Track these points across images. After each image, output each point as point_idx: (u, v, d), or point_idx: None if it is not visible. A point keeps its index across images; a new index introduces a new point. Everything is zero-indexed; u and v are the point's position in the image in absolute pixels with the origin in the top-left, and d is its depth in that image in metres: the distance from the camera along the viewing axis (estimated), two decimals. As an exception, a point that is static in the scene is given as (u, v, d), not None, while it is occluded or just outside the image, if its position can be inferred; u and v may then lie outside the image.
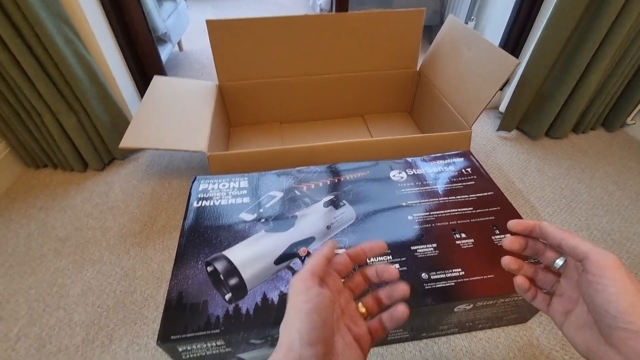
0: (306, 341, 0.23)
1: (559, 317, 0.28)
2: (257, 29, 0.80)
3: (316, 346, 0.23)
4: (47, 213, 0.75)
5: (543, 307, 0.29)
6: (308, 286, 0.26)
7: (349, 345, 0.27)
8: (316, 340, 0.23)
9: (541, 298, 0.30)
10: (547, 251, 0.30)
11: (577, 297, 0.27)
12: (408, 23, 0.85)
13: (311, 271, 0.27)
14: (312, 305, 0.24)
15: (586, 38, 0.77)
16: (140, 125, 0.70)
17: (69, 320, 0.57)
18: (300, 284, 0.26)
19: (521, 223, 0.30)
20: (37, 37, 0.64)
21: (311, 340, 0.23)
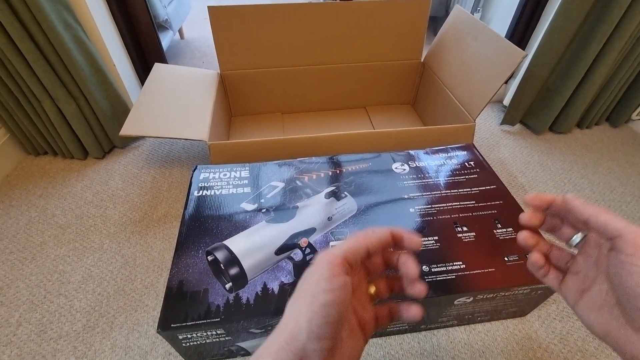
0: (315, 335, 0.21)
1: (573, 296, 0.26)
2: (260, 16, 0.78)
3: (324, 341, 0.21)
4: (47, 200, 0.75)
5: (555, 285, 0.28)
6: (334, 273, 0.22)
7: (352, 331, 0.25)
8: (325, 336, 0.21)
9: (554, 276, 0.28)
10: (564, 226, 0.28)
11: (594, 275, 0.25)
12: (413, 13, 0.84)
13: (344, 256, 0.23)
14: (332, 298, 0.21)
15: (595, 30, 0.76)
16: (140, 113, 0.69)
17: (70, 307, 0.57)
18: (327, 267, 0.22)
19: (539, 196, 0.28)
20: (36, 21, 0.63)
21: (320, 335, 0.21)
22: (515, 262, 0.47)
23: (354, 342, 0.24)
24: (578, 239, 0.27)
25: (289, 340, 0.21)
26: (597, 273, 0.25)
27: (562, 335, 0.54)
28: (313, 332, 0.21)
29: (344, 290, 0.22)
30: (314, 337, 0.21)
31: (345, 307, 0.22)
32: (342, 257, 0.23)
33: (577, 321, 0.56)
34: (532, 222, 0.29)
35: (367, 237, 0.25)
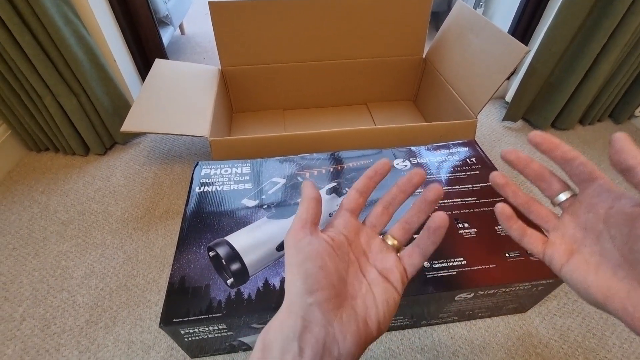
0: (303, 291, 0.22)
1: (560, 258, 0.24)
2: (261, 12, 0.78)
3: (316, 293, 0.22)
4: (49, 196, 0.75)
5: (537, 247, 0.25)
6: (298, 239, 0.24)
7: (374, 283, 0.24)
8: (315, 288, 0.22)
9: (535, 237, 0.26)
10: (552, 179, 0.25)
11: (582, 236, 0.24)
12: (415, 9, 0.83)
13: (301, 221, 0.25)
14: (302, 256, 0.23)
15: (598, 26, 0.75)
16: (141, 109, 0.69)
17: (73, 302, 0.57)
18: (291, 239, 0.24)
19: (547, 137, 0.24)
20: (36, 16, 0.62)
21: (308, 289, 0.22)
22: (517, 258, 0.47)
23: (379, 293, 0.24)
24: (565, 197, 0.25)
25: (287, 306, 0.22)
26: (585, 234, 0.24)
27: (563, 331, 0.54)
28: (301, 290, 0.22)
29: (312, 245, 0.23)
30: (303, 293, 0.22)
31: (323, 258, 0.23)
32: (297, 224, 0.25)
33: (577, 317, 0.56)
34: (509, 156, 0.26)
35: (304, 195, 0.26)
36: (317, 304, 0.22)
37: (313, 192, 0.26)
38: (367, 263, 0.26)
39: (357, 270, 0.25)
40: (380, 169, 0.28)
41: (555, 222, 0.25)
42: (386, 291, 0.24)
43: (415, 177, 0.27)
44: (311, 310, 0.21)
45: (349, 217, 0.27)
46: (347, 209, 0.27)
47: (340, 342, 0.21)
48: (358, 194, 0.28)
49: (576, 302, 0.58)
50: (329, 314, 0.22)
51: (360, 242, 0.27)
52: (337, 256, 0.24)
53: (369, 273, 0.25)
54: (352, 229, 0.27)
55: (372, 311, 0.23)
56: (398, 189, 0.27)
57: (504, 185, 0.27)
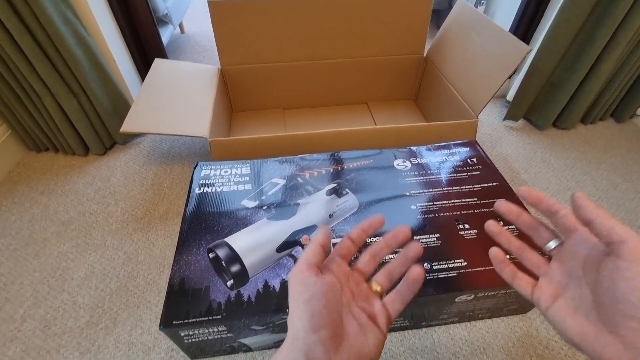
0: (309, 328, 0.23)
1: (545, 301, 0.26)
2: (260, 11, 0.77)
3: (319, 331, 0.23)
4: (49, 197, 0.75)
5: (526, 290, 0.28)
6: (304, 277, 0.26)
7: (364, 326, 0.27)
8: (319, 326, 0.24)
9: (525, 280, 0.28)
10: (541, 229, 0.29)
11: (566, 282, 0.26)
12: (415, 7, 0.83)
13: (307, 262, 0.27)
14: (309, 294, 0.25)
15: (600, 25, 0.74)
16: (141, 110, 0.69)
17: (73, 303, 0.57)
18: (297, 276, 0.26)
19: (533, 192, 0.28)
20: (34, 16, 0.62)
21: (314, 327, 0.24)
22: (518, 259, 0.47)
23: (368, 336, 0.26)
24: (554, 245, 0.28)
25: (291, 342, 0.24)
26: (569, 279, 0.26)
27: (563, 332, 0.54)
28: (306, 327, 0.24)
29: (317, 285, 0.25)
30: (309, 330, 0.23)
31: (327, 298, 0.25)
32: (305, 263, 0.27)
33: (578, 318, 0.56)
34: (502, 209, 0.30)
35: (315, 239, 0.29)
36: (320, 341, 0.23)
37: (325, 240, 0.29)
38: (355, 307, 0.28)
39: (348, 312, 0.27)
40: (375, 224, 0.31)
41: (545, 268, 0.28)
42: (375, 334, 0.27)
43: (400, 235, 0.31)
44: (315, 347, 0.23)
45: (341, 262, 0.30)
46: (340, 254, 0.30)
47: None
48: (351, 242, 0.31)
49: (577, 303, 0.58)
50: (330, 351, 0.23)
51: (350, 286, 0.29)
52: (334, 298, 0.26)
53: (359, 316, 0.27)
54: (344, 274, 0.29)
55: (364, 351, 0.25)
56: (384, 243, 0.31)
57: (498, 233, 0.30)
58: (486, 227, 0.31)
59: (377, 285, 0.30)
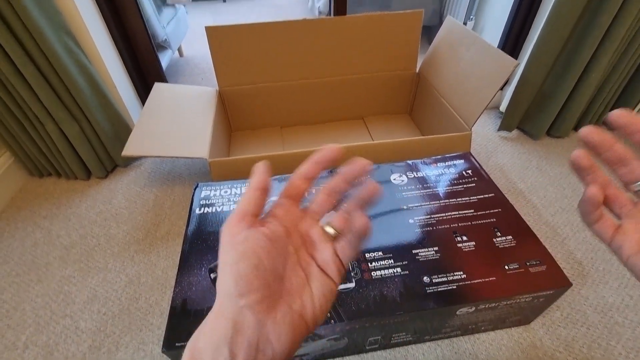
0: (234, 294, 0.20)
1: (631, 247, 0.23)
2: (256, 34, 0.80)
3: (248, 296, 0.20)
4: (51, 221, 0.76)
5: (607, 234, 0.24)
6: (233, 234, 0.22)
7: (312, 276, 0.24)
8: (246, 290, 0.21)
9: (608, 223, 0.24)
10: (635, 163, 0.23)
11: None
12: (406, 25, 0.86)
13: (239, 214, 0.23)
14: (237, 255, 0.21)
15: (586, 36, 0.77)
16: (142, 133, 0.71)
17: (75, 328, 0.57)
18: (225, 234, 0.22)
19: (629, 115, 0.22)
20: (38, 47, 0.65)
21: (240, 292, 0.20)
22: (516, 270, 0.48)
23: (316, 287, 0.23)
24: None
25: (217, 310, 0.21)
26: None
27: (567, 342, 0.54)
28: (233, 292, 0.21)
29: (249, 243, 0.22)
30: (235, 296, 0.20)
31: (259, 257, 0.21)
32: (234, 217, 0.23)
33: (582, 327, 0.56)
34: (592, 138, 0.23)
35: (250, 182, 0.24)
36: (249, 307, 0.20)
37: (261, 181, 0.24)
38: (306, 255, 0.25)
39: (295, 263, 0.24)
40: (328, 155, 0.26)
41: (631, 209, 0.24)
42: (323, 284, 0.24)
43: (358, 167, 0.26)
44: (243, 313, 0.20)
45: (289, 205, 0.26)
46: (288, 196, 0.26)
47: (274, 342, 0.21)
48: (302, 180, 0.26)
49: (579, 312, 0.58)
50: (262, 315, 0.21)
51: (300, 231, 0.25)
52: (274, 251, 0.23)
53: (307, 266, 0.24)
54: (293, 218, 0.25)
55: (308, 306, 0.23)
56: (341, 178, 0.26)
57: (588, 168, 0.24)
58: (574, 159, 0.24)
59: (330, 229, 0.25)
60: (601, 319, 0.56)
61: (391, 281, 0.47)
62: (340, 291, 0.46)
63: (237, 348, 0.20)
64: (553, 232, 0.71)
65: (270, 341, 0.21)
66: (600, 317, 0.57)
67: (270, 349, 0.20)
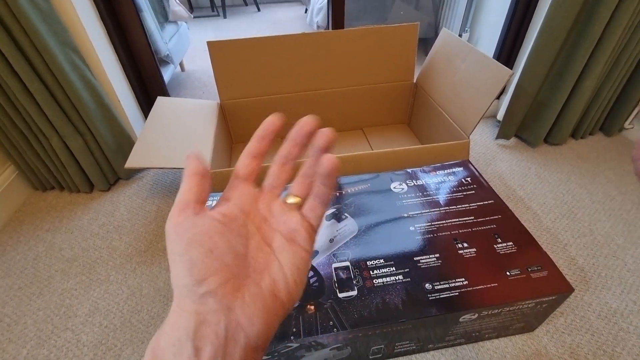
0: (191, 282, 0.19)
1: None
2: (256, 48, 0.82)
3: (206, 281, 0.19)
4: (54, 234, 0.76)
5: None
6: (177, 223, 0.20)
7: (280, 250, 0.22)
8: (204, 275, 0.19)
9: None
10: None
11: None
12: (403, 37, 0.88)
13: (180, 203, 0.21)
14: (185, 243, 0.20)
15: (578, 46, 0.79)
16: (144, 146, 0.72)
17: (77, 341, 0.57)
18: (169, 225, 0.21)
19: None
20: (45, 63, 0.66)
21: (197, 279, 0.19)
22: (518, 276, 0.48)
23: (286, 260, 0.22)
24: None
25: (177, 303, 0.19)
26: None
27: (572, 349, 0.53)
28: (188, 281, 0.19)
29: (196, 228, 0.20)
30: (191, 285, 0.19)
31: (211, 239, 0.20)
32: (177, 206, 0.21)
33: (586, 334, 0.55)
34: None
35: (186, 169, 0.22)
36: (210, 293, 0.19)
37: (197, 166, 0.22)
38: (270, 230, 0.23)
39: (260, 242, 0.22)
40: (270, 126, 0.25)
41: None
42: (294, 255, 0.22)
43: (305, 126, 0.24)
44: (204, 301, 0.19)
45: (242, 185, 0.24)
46: (239, 176, 0.25)
47: (246, 327, 0.19)
48: (250, 158, 0.25)
49: (583, 318, 0.57)
50: (227, 298, 0.19)
51: (259, 209, 0.24)
52: (230, 232, 0.21)
53: (273, 241, 0.23)
54: (248, 198, 0.24)
55: (280, 282, 0.21)
56: (291, 142, 0.25)
57: None
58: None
59: (294, 198, 0.24)
60: (605, 325, 0.56)
61: (393, 288, 0.47)
62: (343, 299, 0.46)
63: (202, 341, 0.18)
64: (554, 239, 0.71)
65: (241, 325, 0.19)
66: (604, 323, 0.56)
67: (242, 334, 0.19)
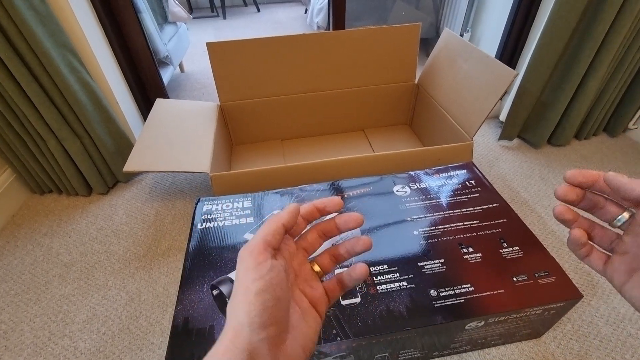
0: (257, 325, 0.20)
1: (620, 277, 0.25)
2: (256, 49, 0.81)
3: (268, 328, 0.21)
4: (52, 239, 0.75)
5: (598, 266, 0.27)
6: (259, 261, 0.22)
7: (305, 312, 0.25)
8: (268, 322, 0.21)
9: (597, 256, 0.27)
10: (607, 205, 0.26)
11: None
12: (404, 38, 0.87)
13: (264, 242, 0.23)
14: (263, 284, 0.21)
15: (582, 46, 0.78)
16: (143, 148, 0.71)
17: (74, 349, 0.56)
18: (250, 259, 0.22)
19: (582, 173, 0.26)
20: (42, 66, 0.65)
21: (263, 323, 0.20)
22: (525, 282, 0.47)
23: (309, 322, 0.24)
24: (624, 219, 0.25)
25: (233, 338, 0.20)
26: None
27: (580, 355, 0.52)
28: (254, 323, 0.20)
29: (273, 273, 0.22)
30: (256, 327, 0.20)
31: (280, 289, 0.22)
32: (262, 243, 0.23)
33: (594, 340, 0.54)
34: (568, 197, 0.26)
35: (279, 216, 0.25)
36: (267, 340, 0.20)
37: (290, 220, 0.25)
38: (297, 290, 0.26)
39: (293, 297, 0.25)
40: (331, 207, 0.28)
41: (618, 242, 0.26)
42: (315, 320, 0.25)
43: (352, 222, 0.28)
44: (260, 346, 0.20)
45: (289, 240, 0.27)
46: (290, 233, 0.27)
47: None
48: (303, 220, 0.28)
49: (591, 324, 0.56)
50: (276, 348, 0.21)
51: (293, 267, 0.26)
52: (286, 285, 0.23)
53: (301, 301, 0.25)
54: (290, 252, 0.27)
55: (306, 339, 0.23)
56: (334, 225, 0.28)
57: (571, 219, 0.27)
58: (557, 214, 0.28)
59: (317, 266, 0.27)
60: (614, 331, 0.55)
61: (397, 295, 0.46)
62: (346, 306, 0.45)
63: None
64: (560, 242, 0.70)
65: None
66: (612, 329, 0.55)
67: None
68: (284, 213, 0.25)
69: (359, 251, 0.28)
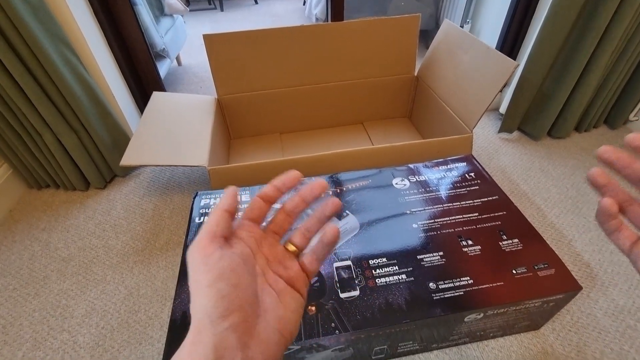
0: (217, 315, 0.20)
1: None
2: (253, 41, 0.80)
3: (230, 316, 0.20)
4: (50, 233, 0.74)
5: (624, 245, 0.25)
6: (207, 254, 0.21)
7: (282, 293, 0.24)
8: (229, 311, 0.20)
9: (626, 234, 0.24)
10: None
11: None
12: (404, 29, 0.86)
13: (209, 233, 0.22)
14: (214, 274, 0.21)
15: (584, 37, 0.77)
16: (140, 142, 0.70)
17: (73, 343, 0.56)
18: (197, 254, 0.22)
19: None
20: (36, 59, 0.64)
21: (222, 313, 0.20)
22: (524, 274, 0.46)
23: (287, 303, 0.24)
24: None
25: (197, 334, 0.20)
26: None
27: (579, 347, 0.52)
28: (213, 314, 0.20)
29: (224, 262, 0.21)
30: (216, 318, 0.20)
31: (237, 274, 0.21)
32: (204, 238, 0.22)
33: (593, 331, 0.54)
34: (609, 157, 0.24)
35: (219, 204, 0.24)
36: (232, 328, 0.20)
37: (231, 204, 0.24)
38: (272, 272, 0.25)
39: (264, 282, 0.24)
40: (289, 181, 0.27)
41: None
42: (294, 299, 0.24)
43: (317, 188, 0.27)
44: (225, 336, 0.20)
45: (252, 226, 0.26)
46: (250, 217, 0.27)
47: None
48: (263, 202, 0.27)
49: (590, 315, 0.56)
50: (246, 336, 0.20)
51: (264, 251, 0.26)
52: (247, 270, 0.23)
53: (276, 283, 0.24)
54: (255, 239, 0.26)
55: (284, 321, 0.23)
56: (300, 198, 0.27)
57: (605, 185, 0.25)
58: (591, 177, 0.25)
59: (292, 246, 0.27)
60: (612, 323, 0.55)
61: (396, 288, 0.45)
62: (345, 300, 0.45)
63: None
64: (559, 234, 0.70)
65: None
66: (611, 320, 0.55)
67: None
68: (223, 198, 0.24)
69: (329, 214, 0.27)
